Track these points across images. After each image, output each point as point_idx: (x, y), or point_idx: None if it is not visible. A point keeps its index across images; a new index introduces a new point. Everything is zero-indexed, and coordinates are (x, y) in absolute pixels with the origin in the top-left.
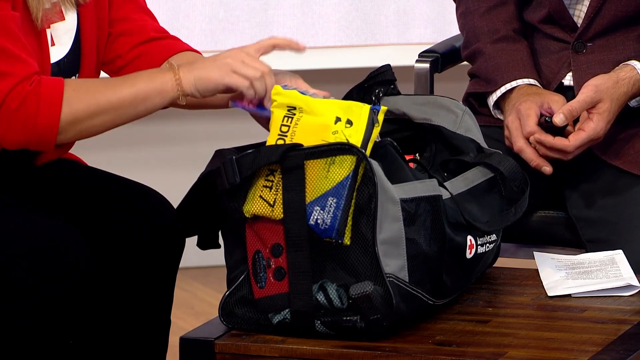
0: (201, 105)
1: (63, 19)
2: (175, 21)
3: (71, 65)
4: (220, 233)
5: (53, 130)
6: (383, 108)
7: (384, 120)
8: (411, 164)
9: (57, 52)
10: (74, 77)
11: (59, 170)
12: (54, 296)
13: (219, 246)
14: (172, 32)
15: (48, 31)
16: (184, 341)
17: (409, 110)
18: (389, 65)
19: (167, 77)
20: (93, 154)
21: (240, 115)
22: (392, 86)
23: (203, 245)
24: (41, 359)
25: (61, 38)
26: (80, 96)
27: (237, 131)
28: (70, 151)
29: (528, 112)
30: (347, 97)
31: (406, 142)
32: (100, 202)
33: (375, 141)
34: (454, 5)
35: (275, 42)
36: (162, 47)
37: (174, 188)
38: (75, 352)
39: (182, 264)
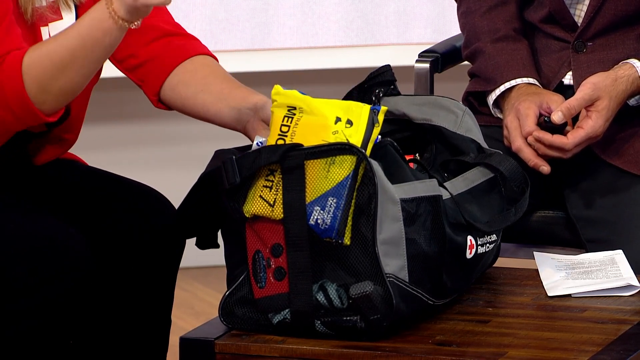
0: (215, 119)
1: (61, 17)
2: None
3: None
4: (220, 233)
5: (26, 101)
6: (383, 108)
7: (384, 120)
8: (411, 164)
9: None
10: None
11: (59, 170)
12: (54, 296)
13: (217, 246)
14: None
15: (45, 29)
16: (184, 341)
17: (409, 110)
18: (389, 65)
19: (100, 9)
20: (93, 154)
21: None
22: (392, 87)
23: (202, 245)
24: (41, 359)
25: None
26: (35, 62)
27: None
28: (70, 151)
29: (527, 111)
30: (347, 97)
31: (406, 142)
32: (100, 202)
33: (375, 141)
34: (454, 5)
35: None
36: (176, 49)
37: (174, 188)
38: (75, 352)
39: (182, 264)
